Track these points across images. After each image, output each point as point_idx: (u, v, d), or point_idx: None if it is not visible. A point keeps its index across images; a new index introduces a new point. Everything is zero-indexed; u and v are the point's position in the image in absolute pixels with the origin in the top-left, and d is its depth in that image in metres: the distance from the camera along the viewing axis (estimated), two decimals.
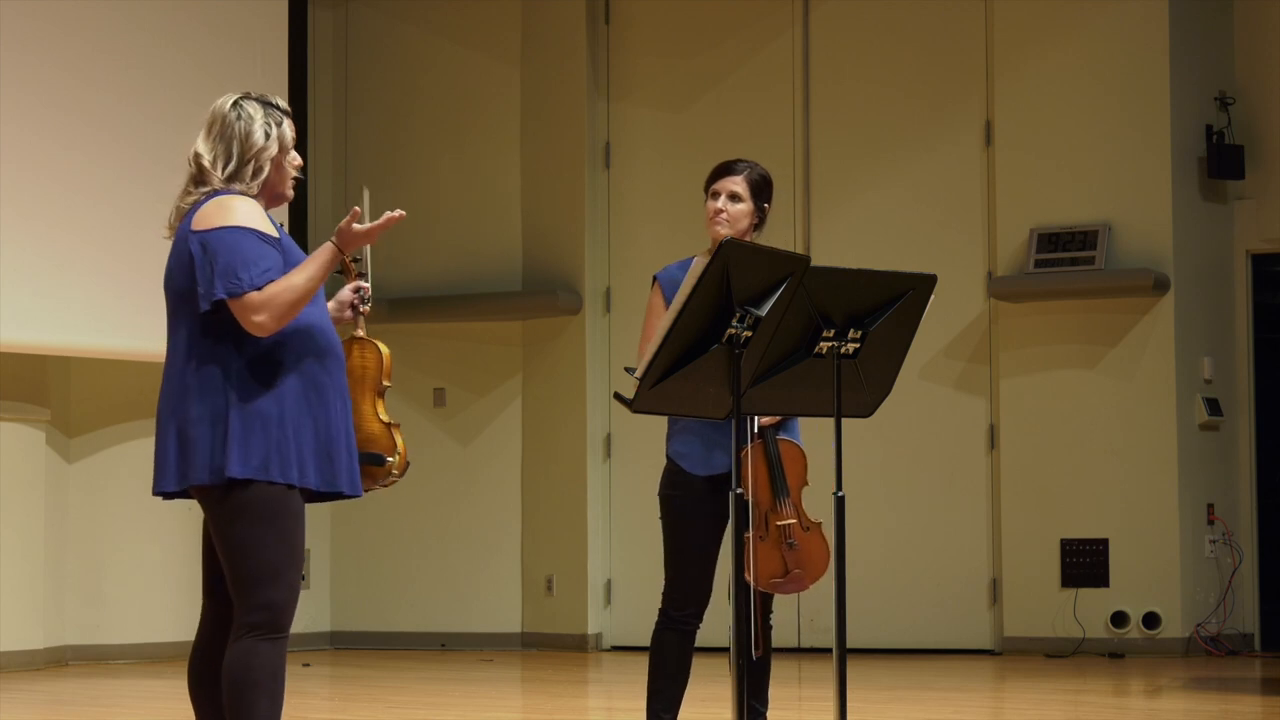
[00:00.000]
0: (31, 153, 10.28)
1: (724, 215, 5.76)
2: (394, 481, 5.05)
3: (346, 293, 5.11)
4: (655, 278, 5.85)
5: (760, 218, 5.82)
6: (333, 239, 4.84)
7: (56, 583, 10.97)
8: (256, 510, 4.74)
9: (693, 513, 5.73)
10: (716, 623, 5.85)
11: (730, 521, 4.97)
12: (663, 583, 5.83)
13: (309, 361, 4.81)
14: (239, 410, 4.73)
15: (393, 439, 5.02)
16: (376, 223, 4.85)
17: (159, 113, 10.64)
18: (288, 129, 4.89)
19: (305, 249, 5.00)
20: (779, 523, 5.72)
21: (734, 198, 5.79)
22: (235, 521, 4.75)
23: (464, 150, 12.52)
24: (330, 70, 12.83)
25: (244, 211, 4.78)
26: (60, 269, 10.36)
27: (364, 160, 12.69)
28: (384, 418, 5.03)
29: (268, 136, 4.84)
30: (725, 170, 5.82)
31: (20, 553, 10.67)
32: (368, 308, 5.09)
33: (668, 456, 5.81)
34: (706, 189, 5.84)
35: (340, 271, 5.02)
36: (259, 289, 4.68)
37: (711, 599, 5.84)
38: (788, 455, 5.77)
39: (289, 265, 4.81)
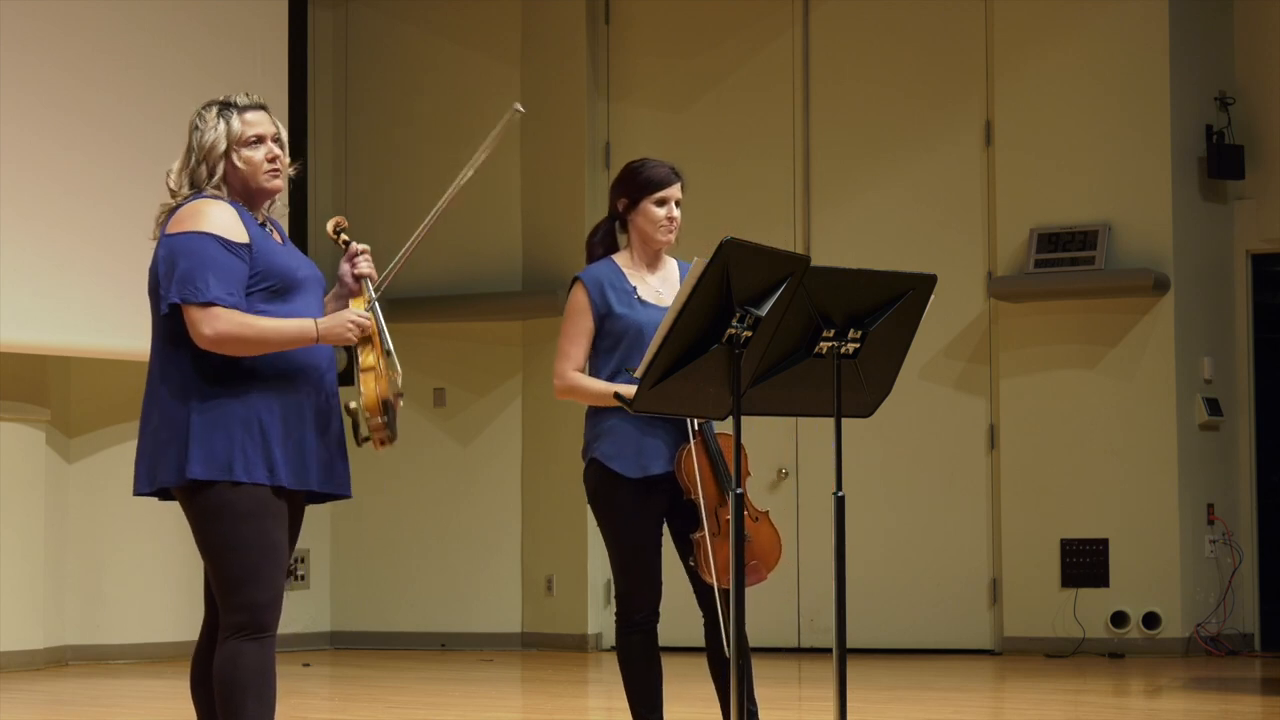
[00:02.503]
0: (31, 153, 10.28)
1: (676, 224, 5.79)
2: (383, 434, 4.81)
3: (345, 267, 5.03)
4: (579, 278, 5.77)
5: None
6: (316, 327, 4.78)
7: (56, 583, 10.97)
8: (227, 511, 4.73)
9: (631, 515, 5.68)
10: (691, 623, 5.85)
11: (732, 521, 4.96)
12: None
13: (280, 356, 4.77)
14: (201, 410, 4.72)
15: (358, 388, 4.84)
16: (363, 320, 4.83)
17: (159, 113, 10.63)
18: (237, 122, 4.86)
19: (305, 249, 5.00)
20: (728, 517, 5.71)
21: (678, 204, 5.81)
22: (208, 523, 4.75)
23: (464, 150, 12.41)
24: (330, 70, 12.83)
25: (213, 216, 4.77)
26: (60, 269, 10.36)
27: (364, 160, 12.69)
28: (362, 363, 4.85)
29: (215, 131, 4.84)
30: (673, 176, 5.81)
31: (20, 553, 10.67)
32: (368, 267, 4.97)
33: (594, 458, 5.71)
34: (645, 194, 5.77)
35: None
36: (224, 305, 4.68)
37: (683, 599, 5.84)
38: (727, 449, 5.75)
39: (263, 267, 4.79)
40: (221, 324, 4.68)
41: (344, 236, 5.08)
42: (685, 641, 6.09)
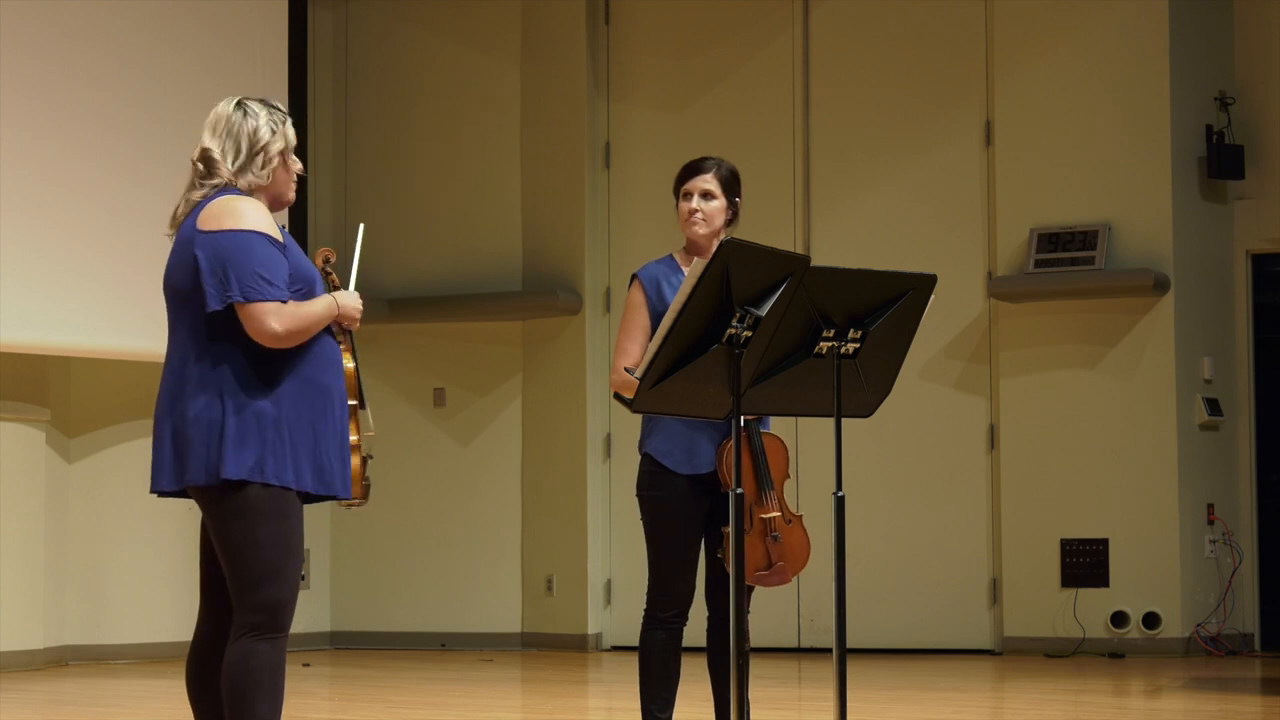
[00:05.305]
0: (32, 153, 10.28)
1: (699, 215, 5.83)
2: (358, 504, 5.08)
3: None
4: (636, 275, 5.87)
5: (734, 213, 5.91)
6: (336, 301, 4.90)
7: (56, 583, 10.97)
8: (253, 511, 4.75)
9: (677, 513, 5.73)
10: (693, 622, 5.85)
11: (731, 521, 4.96)
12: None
13: (310, 364, 4.82)
14: (236, 411, 4.74)
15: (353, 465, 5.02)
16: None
17: (159, 113, 10.64)
18: (290, 129, 4.94)
19: (305, 249, 5.01)
20: (763, 516, 5.73)
21: (707, 196, 5.86)
22: (232, 522, 4.76)
23: (464, 150, 12.51)
24: (330, 70, 12.83)
25: (253, 215, 4.79)
26: (60, 269, 10.37)
27: (364, 160, 12.69)
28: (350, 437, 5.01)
29: (274, 133, 4.87)
30: (695, 170, 5.90)
31: (20, 552, 10.67)
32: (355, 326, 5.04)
33: (646, 454, 5.78)
34: (676, 190, 5.90)
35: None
36: (282, 301, 4.73)
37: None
38: (771, 448, 5.78)
39: (293, 269, 4.83)
40: (287, 318, 4.74)
41: (333, 276, 5.11)
42: (685, 641, 6.08)
